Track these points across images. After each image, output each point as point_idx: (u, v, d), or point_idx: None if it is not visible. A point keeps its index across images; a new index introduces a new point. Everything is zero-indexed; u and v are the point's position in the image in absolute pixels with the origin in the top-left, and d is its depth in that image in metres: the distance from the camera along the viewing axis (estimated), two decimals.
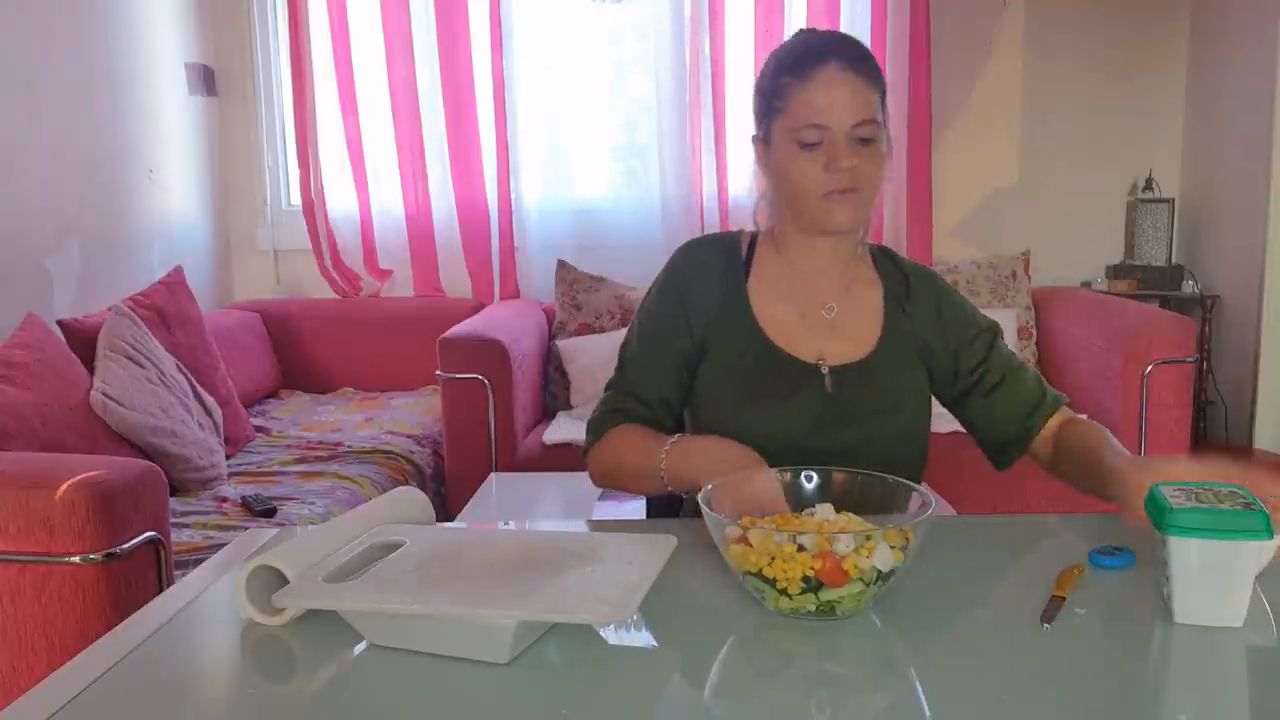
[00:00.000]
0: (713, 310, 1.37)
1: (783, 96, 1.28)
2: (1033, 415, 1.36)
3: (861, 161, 1.25)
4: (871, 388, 1.33)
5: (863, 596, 0.91)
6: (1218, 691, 0.83)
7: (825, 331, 1.36)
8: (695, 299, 1.37)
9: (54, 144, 2.76)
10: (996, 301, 3.26)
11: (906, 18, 3.35)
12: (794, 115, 1.26)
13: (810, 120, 1.25)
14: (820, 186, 1.26)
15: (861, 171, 1.26)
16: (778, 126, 1.29)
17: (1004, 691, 0.81)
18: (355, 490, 2.46)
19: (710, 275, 1.39)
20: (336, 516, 1.28)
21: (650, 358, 1.38)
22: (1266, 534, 0.87)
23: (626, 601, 0.84)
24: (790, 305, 1.37)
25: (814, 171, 1.26)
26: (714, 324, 1.36)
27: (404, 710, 0.79)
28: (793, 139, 1.27)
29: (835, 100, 1.24)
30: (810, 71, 1.26)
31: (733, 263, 1.40)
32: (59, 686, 0.83)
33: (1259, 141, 3.11)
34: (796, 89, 1.27)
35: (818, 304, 1.37)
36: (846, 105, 1.24)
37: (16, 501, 1.53)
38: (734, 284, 1.38)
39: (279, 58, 3.59)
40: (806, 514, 1.01)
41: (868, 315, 1.38)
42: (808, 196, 1.28)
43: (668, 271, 1.41)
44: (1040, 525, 1.17)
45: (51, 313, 2.59)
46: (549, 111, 3.52)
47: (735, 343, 1.35)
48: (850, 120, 1.24)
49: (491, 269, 3.56)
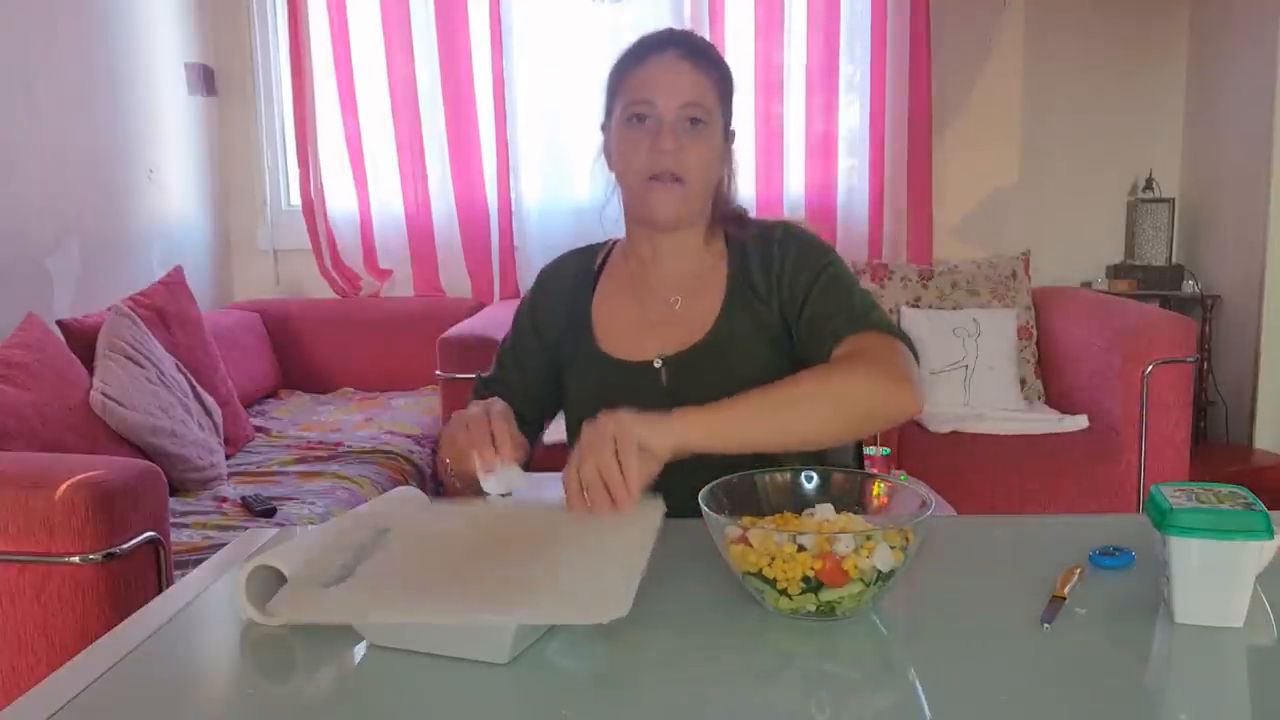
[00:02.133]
0: (559, 329, 1.39)
1: (620, 80, 1.30)
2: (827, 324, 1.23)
3: (688, 146, 1.24)
4: (711, 370, 1.27)
5: (863, 597, 0.91)
6: (1218, 691, 0.83)
7: (666, 326, 1.33)
8: (547, 318, 1.40)
9: (54, 144, 2.76)
10: (996, 301, 3.26)
11: (906, 18, 3.35)
12: (627, 94, 1.28)
13: (639, 95, 1.26)
14: (644, 169, 1.25)
15: (688, 160, 1.25)
16: (615, 108, 1.30)
17: (1004, 691, 0.81)
18: (355, 490, 2.46)
19: (562, 292, 1.40)
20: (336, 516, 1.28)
21: (506, 374, 1.41)
22: (1267, 534, 0.87)
23: (625, 594, 0.83)
24: (633, 306, 1.36)
25: (639, 152, 1.25)
26: (562, 342, 1.38)
27: (404, 711, 0.79)
28: (624, 117, 1.28)
29: (666, 79, 1.26)
30: (647, 55, 1.29)
31: (583, 276, 1.41)
32: (59, 686, 0.83)
33: (1259, 141, 3.11)
34: (632, 71, 1.29)
35: (662, 299, 1.34)
36: (675, 86, 1.25)
37: (16, 501, 1.53)
38: (581, 298, 1.39)
39: (279, 58, 3.58)
40: (806, 514, 1.01)
41: (710, 297, 1.33)
42: (632, 179, 1.27)
43: (528, 293, 1.44)
44: (1040, 525, 1.17)
45: (51, 313, 2.58)
46: (549, 111, 3.52)
47: (578, 358, 1.36)
48: (678, 101, 1.25)
49: (491, 269, 3.56)
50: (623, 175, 1.30)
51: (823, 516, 0.98)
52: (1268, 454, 3.11)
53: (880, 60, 3.40)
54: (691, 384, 1.24)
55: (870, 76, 3.41)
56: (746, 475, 1.05)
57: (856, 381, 1.14)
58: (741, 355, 1.29)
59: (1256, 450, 3.15)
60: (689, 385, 1.23)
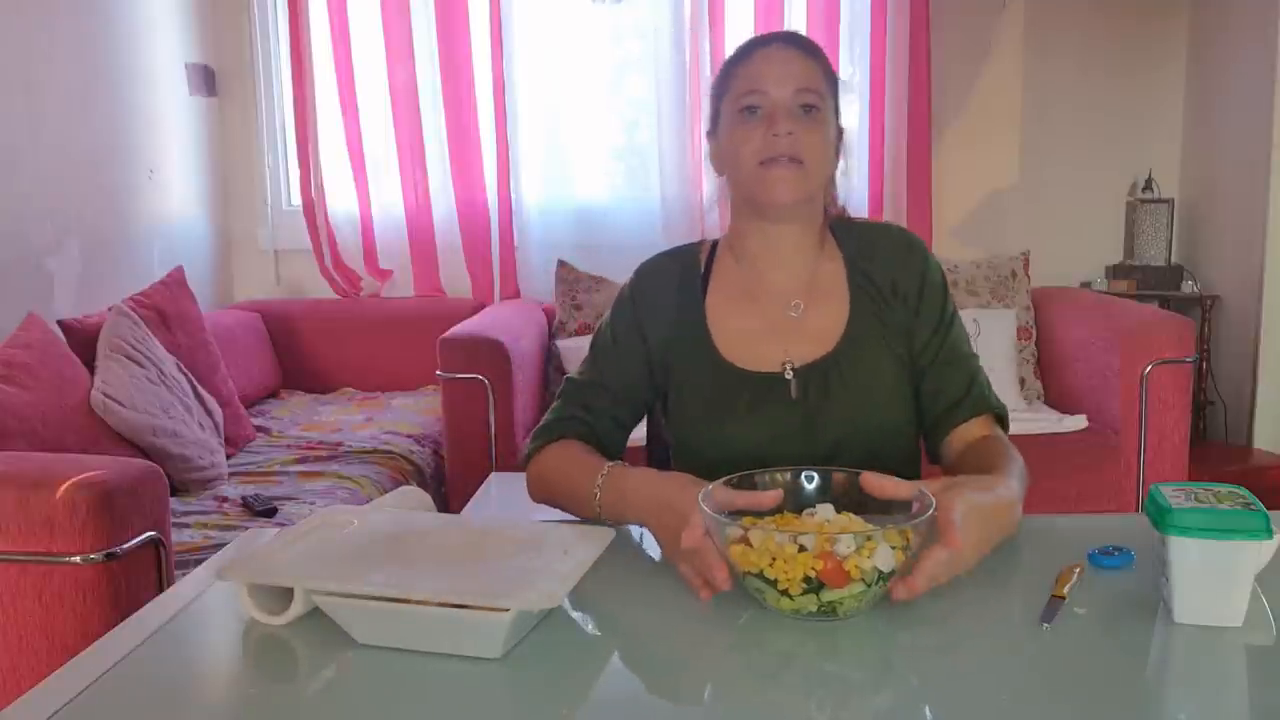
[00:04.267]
0: (669, 331, 1.33)
1: (727, 80, 1.29)
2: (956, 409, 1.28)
3: (804, 130, 1.22)
4: (840, 384, 1.27)
5: (864, 597, 0.91)
6: (1217, 691, 0.84)
7: (790, 333, 1.30)
8: (650, 320, 1.34)
9: (54, 144, 2.76)
10: (996, 301, 3.26)
11: (906, 18, 3.35)
12: (736, 89, 1.26)
13: (751, 87, 1.24)
14: (759, 153, 1.23)
15: (805, 141, 1.22)
16: (724, 107, 1.29)
17: (1004, 691, 0.81)
18: (355, 490, 2.46)
19: (666, 294, 1.35)
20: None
21: (604, 377, 1.34)
22: (1266, 534, 0.88)
23: (558, 589, 0.85)
24: (751, 313, 1.32)
25: (754, 138, 1.23)
26: (673, 345, 1.33)
27: (405, 711, 0.79)
28: (735, 111, 1.26)
29: (776, 69, 1.24)
30: (754, 50, 1.28)
31: (689, 278, 1.36)
32: (59, 686, 0.83)
33: (1259, 141, 3.11)
34: (740, 67, 1.27)
35: (781, 305, 1.32)
36: (787, 74, 1.24)
37: (17, 501, 1.53)
38: (690, 301, 1.34)
39: (279, 58, 3.59)
40: (807, 514, 1.01)
41: (834, 303, 1.32)
42: (747, 165, 1.24)
43: (627, 291, 1.38)
44: (1040, 525, 1.17)
45: (52, 313, 2.58)
46: (549, 112, 3.52)
47: (692, 365, 1.31)
48: (790, 87, 1.23)
49: (491, 269, 3.56)
50: (734, 167, 1.27)
51: (823, 517, 0.98)
52: (1267, 454, 3.12)
53: (880, 60, 3.40)
54: (823, 396, 1.26)
55: (870, 76, 3.41)
56: (747, 475, 1.05)
57: None
58: (870, 366, 1.29)
59: (1255, 450, 3.15)
60: (820, 397, 1.26)
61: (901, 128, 3.41)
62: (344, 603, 0.87)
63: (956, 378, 1.30)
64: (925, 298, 1.32)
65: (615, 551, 0.98)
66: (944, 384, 1.30)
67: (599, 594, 0.98)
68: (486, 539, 0.98)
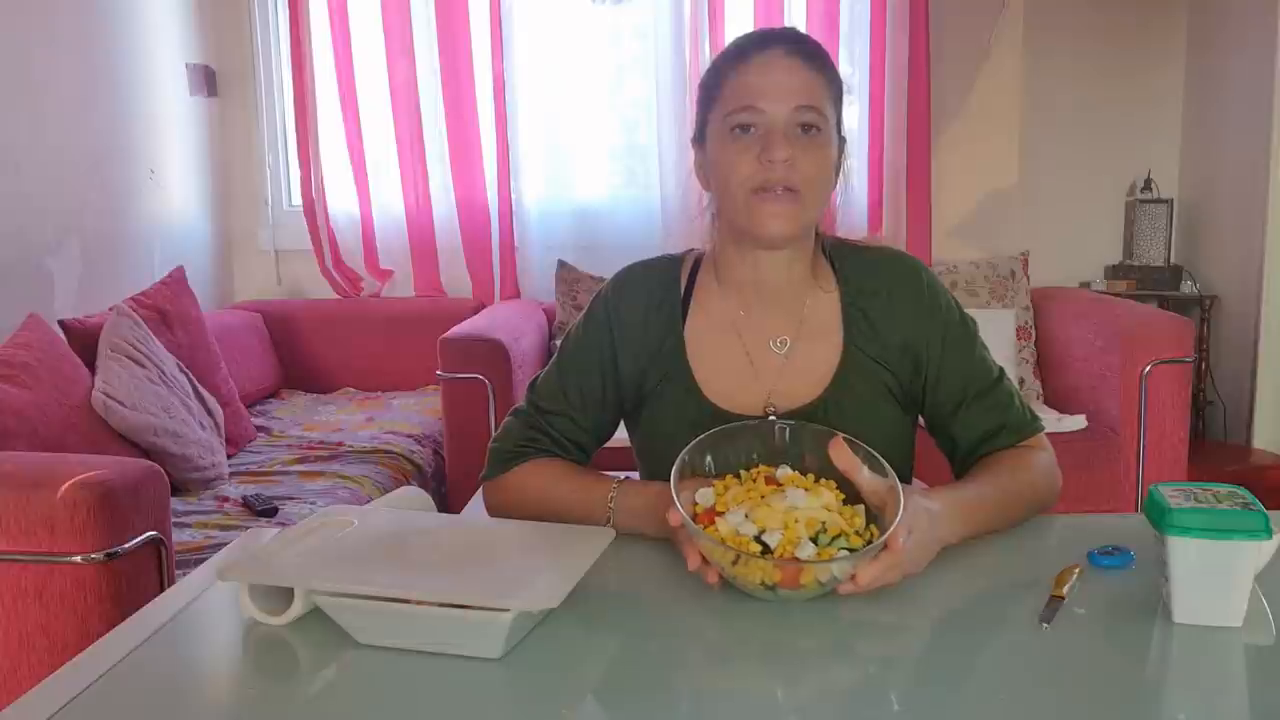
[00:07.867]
0: (645, 355, 1.22)
1: (720, 83, 1.14)
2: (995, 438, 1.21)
3: (802, 155, 1.10)
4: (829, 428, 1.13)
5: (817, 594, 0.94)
6: (1217, 691, 0.84)
7: (775, 372, 1.19)
8: (625, 338, 1.23)
9: (55, 144, 2.76)
10: (995, 301, 3.26)
11: (906, 18, 3.35)
12: (728, 100, 1.12)
13: (744, 102, 1.11)
14: (751, 181, 1.10)
15: (802, 168, 1.10)
16: (713, 118, 1.15)
17: (1003, 691, 0.81)
18: (356, 490, 2.46)
19: (643, 314, 1.23)
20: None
21: (570, 393, 1.23)
22: (1265, 534, 0.88)
23: (558, 589, 0.86)
24: (734, 346, 1.21)
25: (745, 162, 1.10)
26: (649, 372, 1.22)
27: (405, 711, 0.79)
28: (726, 127, 1.12)
29: (774, 82, 1.10)
30: (751, 54, 1.13)
31: (669, 297, 1.24)
32: (59, 686, 0.83)
33: (1258, 141, 3.11)
34: (734, 73, 1.13)
35: (765, 339, 1.20)
36: (786, 88, 1.10)
37: (17, 501, 1.53)
38: (668, 324, 1.22)
39: (279, 58, 3.59)
40: (781, 471, 1.01)
41: (825, 341, 1.20)
42: (738, 193, 1.12)
43: (600, 308, 1.25)
44: (1040, 525, 1.17)
45: (53, 312, 2.59)
46: (549, 112, 3.52)
47: (672, 400, 1.21)
48: (789, 104, 1.10)
49: (492, 269, 3.56)
50: (723, 191, 1.15)
51: (793, 502, 0.95)
52: (1266, 454, 3.11)
53: (880, 60, 3.40)
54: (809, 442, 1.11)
55: (870, 76, 3.41)
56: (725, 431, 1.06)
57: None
58: (863, 412, 1.18)
59: (1255, 450, 3.15)
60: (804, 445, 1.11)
61: (901, 128, 3.41)
62: (344, 603, 0.87)
63: (993, 411, 1.21)
64: (948, 344, 1.21)
65: (615, 551, 0.98)
66: (978, 419, 1.21)
67: (599, 594, 0.98)
68: (487, 539, 0.99)
